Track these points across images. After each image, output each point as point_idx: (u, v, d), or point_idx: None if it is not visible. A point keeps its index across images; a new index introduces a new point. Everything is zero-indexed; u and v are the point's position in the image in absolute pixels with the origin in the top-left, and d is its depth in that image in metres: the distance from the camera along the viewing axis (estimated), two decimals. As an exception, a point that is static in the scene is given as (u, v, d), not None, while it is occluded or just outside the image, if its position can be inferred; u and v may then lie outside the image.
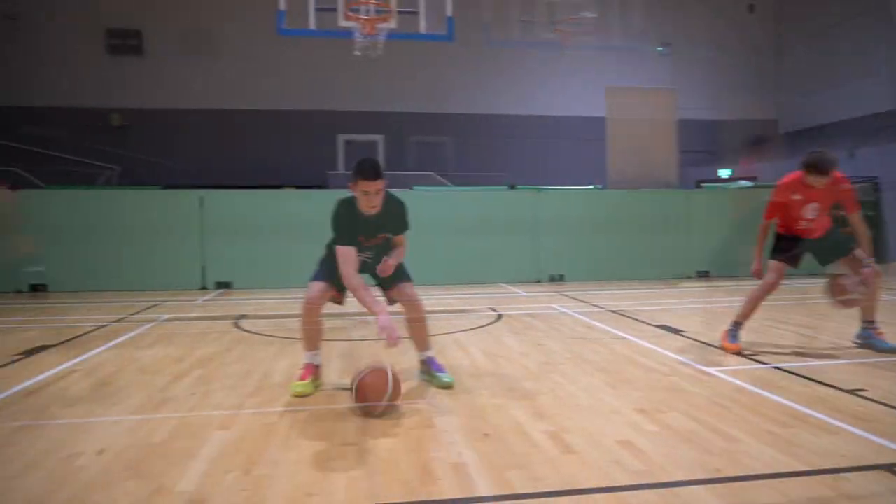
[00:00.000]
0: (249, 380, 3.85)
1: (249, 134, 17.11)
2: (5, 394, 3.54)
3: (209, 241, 9.20)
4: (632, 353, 4.53)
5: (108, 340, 5.16)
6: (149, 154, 16.26)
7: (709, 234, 10.29)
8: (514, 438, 2.75)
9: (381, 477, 2.34)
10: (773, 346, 4.72)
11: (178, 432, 2.88)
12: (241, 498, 2.18)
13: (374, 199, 3.28)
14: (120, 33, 16.08)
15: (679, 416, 3.04)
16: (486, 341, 5.03)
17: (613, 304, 7.16)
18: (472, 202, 9.87)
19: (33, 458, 2.56)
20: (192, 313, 6.82)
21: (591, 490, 2.22)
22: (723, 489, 2.21)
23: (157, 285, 9.00)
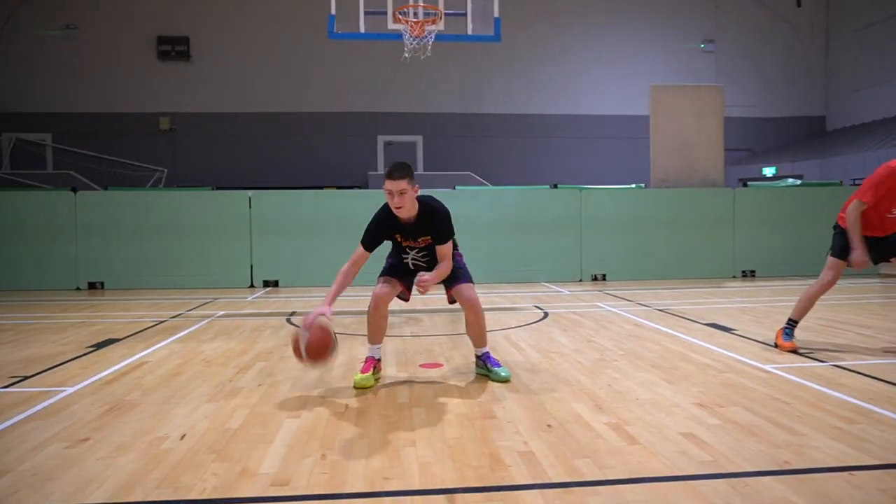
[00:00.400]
0: (310, 372, 3.98)
1: (292, 136, 17.51)
2: (87, 381, 3.75)
3: (257, 241, 9.46)
4: (684, 349, 4.52)
5: (171, 335, 5.39)
6: (195, 156, 16.78)
7: (755, 233, 10.12)
8: (577, 429, 2.80)
9: (451, 463, 2.43)
10: (830, 344, 4.65)
11: (252, 420, 3.02)
12: (323, 480, 2.29)
13: (397, 199, 3.34)
14: (169, 40, 16.63)
15: (740, 410, 3.05)
16: (537, 338, 5.08)
17: (659, 302, 7.12)
18: (515, 201, 9.91)
19: (122, 441, 2.73)
20: (245, 310, 7.04)
21: (661, 478, 2.26)
22: (794, 480, 2.23)
23: (207, 283, 9.30)
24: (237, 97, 17.17)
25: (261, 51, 17.15)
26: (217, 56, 16.90)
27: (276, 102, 17.32)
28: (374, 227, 3.56)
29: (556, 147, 18.27)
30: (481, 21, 6.98)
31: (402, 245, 3.64)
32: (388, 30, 6.91)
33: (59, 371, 4.08)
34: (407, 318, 6.29)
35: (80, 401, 3.36)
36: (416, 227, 3.52)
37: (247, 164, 17.05)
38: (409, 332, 5.55)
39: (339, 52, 17.31)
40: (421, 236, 3.55)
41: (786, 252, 10.16)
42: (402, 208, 3.40)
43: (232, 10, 17.04)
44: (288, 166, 17.19)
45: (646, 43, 18.31)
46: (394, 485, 2.24)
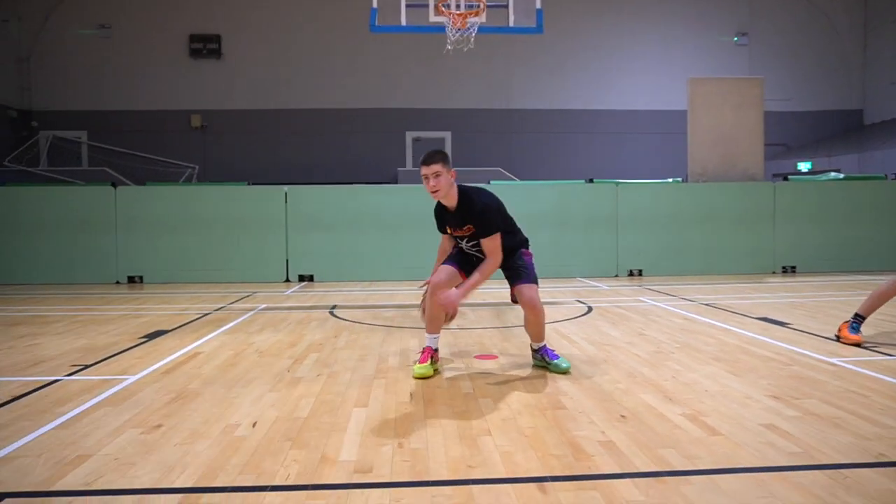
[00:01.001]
0: (367, 363, 3.98)
1: (321, 133, 17.59)
2: (147, 370, 3.78)
3: (293, 236, 9.50)
4: (741, 343, 4.42)
5: (217, 327, 5.42)
6: (226, 154, 16.94)
7: (796, 228, 9.90)
8: (652, 420, 2.74)
9: (533, 452, 2.39)
10: (893, 338, 4.51)
11: (319, 409, 3.00)
12: (406, 468, 2.26)
13: (433, 181, 3.39)
14: (201, 38, 16.80)
15: (817, 402, 2.96)
16: (587, 331, 5.02)
17: (703, 297, 6.99)
18: (551, 196, 9.83)
19: (194, 428, 2.73)
20: (286, 303, 7.07)
21: (754, 469, 2.19)
22: (894, 472, 2.15)
23: (243, 278, 9.37)
24: (267, 95, 17.29)
25: (290, 48, 17.25)
26: (248, 54, 17.04)
27: (305, 99, 17.41)
28: (435, 214, 3.73)
29: (587, 142, 18.10)
30: (523, 12, 6.91)
31: (452, 234, 3.67)
32: (430, 22, 6.88)
33: (118, 360, 4.12)
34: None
35: (143, 388, 3.38)
36: (457, 215, 3.53)
37: (277, 161, 17.18)
38: (455, 325, 5.51)
39: (368, 49, 17.34)
40: (465, 225, 3.52)
41: (828, 247, 9.93)
42: (439, 191, 3.42)
43: (263, 8, 17.17)
44: (318, 163, 17.29)
45: (678, 37, 18.04)
46: (478, 473, 2.20)
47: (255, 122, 17.17)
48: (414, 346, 4.46)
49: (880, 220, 9.98)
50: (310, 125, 17.40)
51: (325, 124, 17.44)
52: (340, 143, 17.43)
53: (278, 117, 17.32)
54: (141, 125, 16.60)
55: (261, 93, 17.17)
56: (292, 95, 17.30)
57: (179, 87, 16.86)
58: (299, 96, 17.34)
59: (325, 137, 17.42)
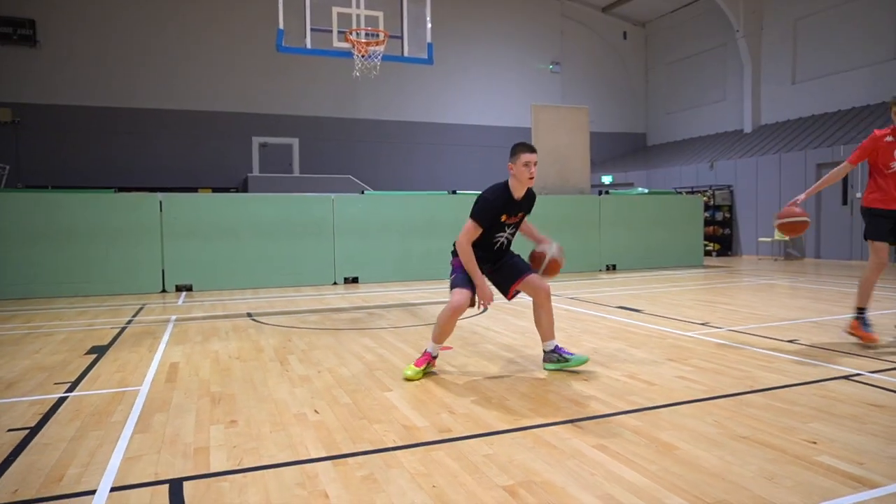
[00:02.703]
0: (346, 359, 4.57)
1: (159, 134, 16.59)
2: (147, 380, 3.98)
3: (169, 245, 9.28)
4: (621, 326, 5.80)
5: (156, 338, 5.49)
6: (44, 153, 15.25)
7: (615, 233, 12.12)
8: (606, 380, 3.83)
9: (549, 407, 3.32)
10: (718, 319, 6.23)
11: (354, 396, 3.61)
12: (471, 425, 3.05)
13: (533, 169, 3.82)
14: (10, 21, 14.88)
15: (698, 360, 4.30)
16: (500, 326, 6.07)
17: (562, 292, 8.50)
18: (420, 206, 10.82)
19: (268, 419, 3.19)
20: (195, 313, 7.11)
21: (691, 401, 3.37)
22: (766, 395, 3.46)
23: (115, 290, 8.96)
24: (96, 90, 15.84)
25: (125, 42, 16.00)
26: (71, 44, 15.44)
27: (143, 98, 16.27)
28: (493, 206, 3.84)
29: (430, 153, 19.44)
30: (416, 45, 7.77)
31: (502, 223, 3.93)
32: (334, 47, 7.41)
33: (97, 374, 4.19)
34: (367, 312, 6.94)
35: (167, 395, 3.65)
36: (522, 202, 3.95)
37: (107, 163, 15.84)
38: (386, 323, 6.21)
39: (213, 51, 16.77)
40: (521, 211, 3.99)
41: (639, 248, 12.31)
42: (534, 178, 3.88)
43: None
44: (159, 166, 16.29)
45: (504, 62, 20.21)
46: (525, 421, 3.08)
47: (81, 120, 15.63)
48: (366, 343, 5.13)
49: (675, 226, 12.66)
50: (148, 126, 16.31)
51: (165, 126, 16.48)
52: (182, 146, 16.61)
53: (111, 116, 15.97)
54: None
55: (88, 88, 15.68)
56: (128, 93, 16.07)
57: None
58: (137, 94, 16.17)
59: (165, 140, 16.47)
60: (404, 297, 8.38)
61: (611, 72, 21.81)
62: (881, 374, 3.87)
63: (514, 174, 3.91)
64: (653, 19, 21.70)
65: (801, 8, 16.37)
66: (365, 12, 7.45)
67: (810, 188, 5.00)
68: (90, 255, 8.89)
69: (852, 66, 15.22)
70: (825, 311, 6.49)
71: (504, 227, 3.99)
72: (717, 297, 7.86)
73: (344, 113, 18.28)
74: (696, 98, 20.18)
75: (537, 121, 11.69)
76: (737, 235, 16.05)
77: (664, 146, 21.42)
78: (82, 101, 15.71)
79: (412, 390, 3.71)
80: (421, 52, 7.74)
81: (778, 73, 17.13)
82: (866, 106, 14.80)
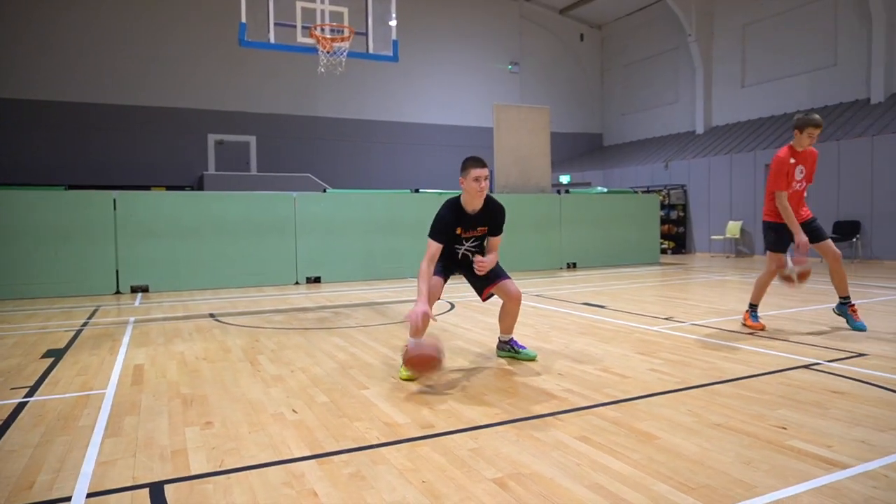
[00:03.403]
0: (318, 358, 4.51)
1: (109, 130, 15.99)
2: (112, 383, 3.84)
3: (123, 245, 8.96)
4: (589, 322, 5.91)
5: (115, 341, 5.30)
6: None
7: (575, 231, 12.32)
8: (580, 375, 3.90)
9: (528, 402, 3.35)
10: (683, 314, 6.41)
11: (331, 395, 3.57)
12: (453, 420, 3.05)
13: (483, 183, 3.83)
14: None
15: (667, 353, 4.42)
16: (468, 323, 6.10)
17: (526, 290, 8.60)
18: (383, 204, 10.75)
19: (245, 419, 3.12)
20: (155, 314, 6.89)
21: (664, 392, 3.46)
22: (732, 385, 3.58)
23: (66, 291, 8.61)
24: (39, 83, 15.12)
25: (68, 32, 15.34)
26: (10, 34, 14.70)
27: (88, 92, 15.65)
28: (444, 222, 3.92)
29: (389, 152, 19.33)
30: (381, 42, 7.72)
31: (459, 237, 4.01)
32: (298, 43, 7.29)
33: (56, 378, 4.02)
34: (333, 312, 6.86)
35: (136, 397, 3.53)
36: (479, 216, 3.98)
37: (53, 160, 15.17)
38: (354, 322, 6.16)
39: (165, 44, 16.27)
40: (480, 226, 4.02)
41: (598, 246, 12.56)
42: (484, 192, 3.87)
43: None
44: (106, 163, 15.68)
45: (465, 62, 20.27)
46: (506, 416, 3.10)
47: (26, 115, 14.91)
48: (336, 342, 5.08)
49: (633, 224, 12.96)
50: (98, 122, 15.69)
51: (116, 122, 15.88)
52: (134, 143, 16.05)
53: (58, 111, 15.29)
54: None
55: (33, 81, 14.97)
56: (76, 87, 15.42)
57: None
58: (85, 89, 15.53)
59: (116, 136, 15.87)
60: (369, 297, 8.32)
61: (568, 73, 22.17)
62: (837, 363, 4.05)
63: (465, 188, 3.95)
64: (609, 22, 22.16)
65: (749, 14, 16.99)
66: (329, 8, 7.36)
67: (795, 227, 4.99)
68: (39, 256, 8.51)
69: (796, 71, 15.89)
70: (779, 304, 6.76)
71: (461, 240, 4.04)
72: (676, 293, 8.09)
73: (302, 110, 18.02)
74: (651, 100, 20.71)
75: (499, 120, 11.78)
76: (690, 233, 16.55)
77: (620, 146, 21.90)
78: (26, 94, 15.00)
79: (390, 388, 3.69)
80: (386, 49, 7.70)
81: (728, 77, 17.74)
82: (810, 109, 15.47)
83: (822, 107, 15.18)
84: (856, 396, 3.31)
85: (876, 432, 2.76)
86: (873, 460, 2.45)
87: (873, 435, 2.73)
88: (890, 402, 3.22)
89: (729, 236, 15.21)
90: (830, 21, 15.06)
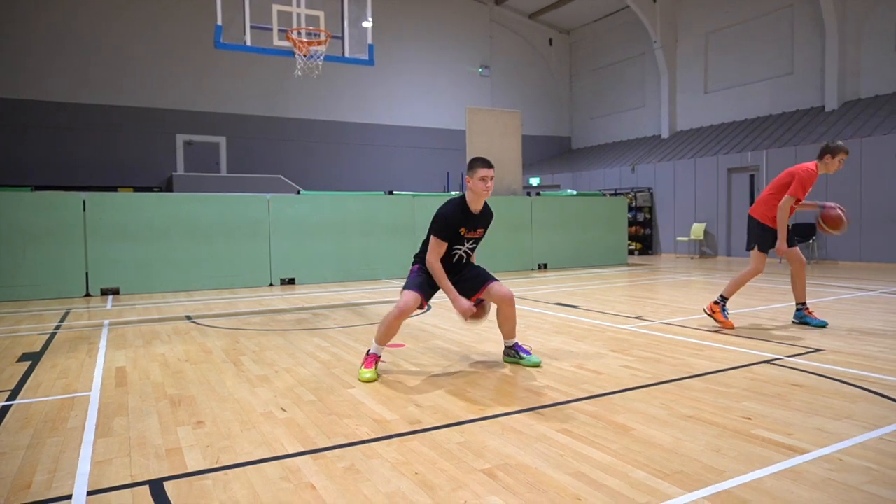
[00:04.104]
0: (300, 359, 4.58)
1: (72, 130, 15.64)
2: (95, 386, 3.85)
3: (93, 246, 8.83)
4: (562, 321, 6.10)
5: (92, 343, 5.27)
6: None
7: (546, 232, 12.57)
8: (557, 371, 4.06)
9: (511, 397, 3.49)
10: (649, 312, 6.64)
11: (318, 393, 3.65)
12: (439, 415, 3.18)
13: (489, 183, 3.92)
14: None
15: (639, 350, 4.62)
16: (447, 324, 6.22)
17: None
18: (357, 206, 10.81)
19: (235, 418, 3.18)
20: (129, 317, 6.83)
21: (637, 387, 3.64)
22: (701, 379, 3.79)
23: (34, 294, 8.46)
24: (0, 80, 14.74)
25: (32, 28, 14.96)
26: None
27: (52, 90, 15.28)
28: (449, 221, 3.93)
29: (362, 154, 19.33)
30: (357, 46, 7.79)
31: (461, 237, 4.01)
32: (275, 46, 7.32)
33: (36, 382, 4.00)
34: (311, 313, 6.91)
35: (121, 399, 3.55)
36: (479, 217, 4.05)
37: (15, 160, 14.78)
38: (334, 324, 6.23)
39: (132, 42, 15.99)
40: (479, 227, 4.07)
41: (568, 248, 12.82)
42: (489, 192, 3.96)
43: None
44: (72, 163, 15.33)
45: (437, 64, 20.41)
46: (490, 411, 3.24)
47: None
48: (318, 343, 5.15)
49: (602, 226, 13.27)
50: (63, 121, 15.33)
51: (82, 121, 15.54)
52: (101, 143, 15.72)
53: (20, 109, 14.90)
54: None
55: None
56: (39, 85, 15.05)
57: None
58: (49, 86, 15.16)
59: (81, 136, 15.53)
60: (345, 298, 8.38)
61: (537, 77, 22.51)
62: (796, 358, 4.31)
63: (470, 188, 4.01)
64: (577, 27, 22.57)
65: (712, 23, 17.54)
66: (305, 11, 7.40)
67: (783, 233, 5.32)
68: (5, 258, 8.34)
69: (756, 78, 16.47)
70: (742, 304, 7.06)
71: (463, 240, 4.06)
72: (644, 293, 8.36)
73: (273, 111, 17.90)
74: (618, 104, 21.17)
75: (471, 123, 11.95)
76: (656, 235, 16.99)
77: (588, 149, 22.32)
78: (1, 94, 14.61)
79: (375, 387, 3.79)
80: (361, 52, 7.78)
81: (692, 83, 18.27)
82: (769, 115, 16.07)
83: (780, 113, 15.77)
84: (813, 389, 3.55)
85: (832, 421, 2.98)
86: (829, 445, 2.66)
87: (829, 423, 2.95)
88: (844, 393, 3.46)
89: (693, 238, 15.68)
90: (787, 31, 15.67)
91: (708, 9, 17.58)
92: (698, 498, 2.18)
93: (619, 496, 2.21)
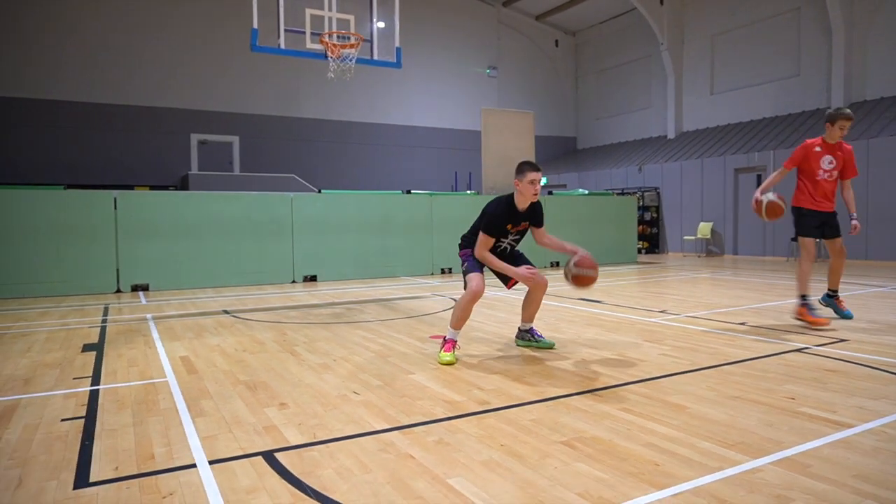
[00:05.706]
0: (352, 349, 4.82)
1: (91, 129, 15.84)
2: (169, 373, 4.09)
3: (124, 244, 9.06)
4: (592, 315, 6.35)
5: (145, 335, 5.50)
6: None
7: (559, 231, 12.78)
8: (600, 358, 4.32)
9: (574, 378, 3.74)
10: (676, 306, 6.90)
11: (383, 378, 3.89)
12: (504, 398, 3.42)
13: (538, 186, 4.32)
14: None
15: (672, 341, 4.88)
16: (479, 317, 6.47)
17: (524, 286, 9.00)
18: (376, 205, 11.05)
19: (316, 399, 3.42)
20: (170, 312, 7.06)
21: (675, 373, 3.89)
22: (736, 366, 4.04)
23: (67, 290, 8.68)
24: (21, 81, 14.92)
25: (60, 33, 15.15)
26: (5, 35, 14.49)
27: (77, 91, 15.47)
28: (498, 218, 4.32)
29: (374, 153, 19.57)
30: (385, 49, 8.04)
31: (507, 231, 4.40)
32: (308, 49, 7.55)
33: (111, 369, 4.24)
34: (345, 308, 7.15)
35: (199, 384, 3.79)
36: (525, 213, 4.43)
37: (37, 159, 14.98)
38: (371, 317, 6.46)
39: (151, 44, 16.18)
40: (524, 222, 4.48)
41: (580, 245, 13.04)
42: (538, 194, 4.37)
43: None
44: (92, 162, 15.53)
45: (445, 65, 20.65)
46: (550, 393, 3.49)
47: (16, 115, 14.69)
48: (363, 335, 5.39)
49: (612, 224, 13.53)
50: (85, 122, 15.52)
51: (102, 122, 15.73)
52: (119, 143, 15.92)
53: (48, 110, 15.09)
54: None
55: (23, 81, 14.75)
56: (48, 85, 15.23)
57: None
58: (60, 86, 15.36)
59: (102, 136, 15.72)
60: (371, 294, 8.61)
61: (544, 77, 22.78)
62: (825, 347, 4.57)
63: (519, 190, 4.35)
64: (583, 29, 22.84)
65: (718, 25, 17.82)
66: (337, 15, 7.63)
67: (763, 184, 5.71)
68: (40, 255, 8.55)
69: (762, 80, 16.76)
70: (759, 299, 7.33)
71: (507, 233, 4.44)
72: (662, 289, 8.62)
73: (286, 112, 18.12)
74: (624, 105, 21.45)
75: (486, 124, 12.19)
76: (663, 234, 17.27)
77: (594, 150, 22.60)
78: (20, 93, 14.78)
79: (436, 373, 4.03)
80: (388, 55, 8.02)
81: (698, 85, 18.55)
82: (775, 117, 16.36)
83: (785, 115, 16.05)
84: (847, 373, 3.81)
85: (870, 400, 3.24)
86: (872, 420, 2.91)
87: (868, 402, 3.21)
88: (877, 377, 3.72)
89: (700, 236, 15.96)
90: (794, 33, 15.95)
91: (714, 11, 17.86)
92: (765, 463, 2.43)
93: (692, 462, 2.46)
